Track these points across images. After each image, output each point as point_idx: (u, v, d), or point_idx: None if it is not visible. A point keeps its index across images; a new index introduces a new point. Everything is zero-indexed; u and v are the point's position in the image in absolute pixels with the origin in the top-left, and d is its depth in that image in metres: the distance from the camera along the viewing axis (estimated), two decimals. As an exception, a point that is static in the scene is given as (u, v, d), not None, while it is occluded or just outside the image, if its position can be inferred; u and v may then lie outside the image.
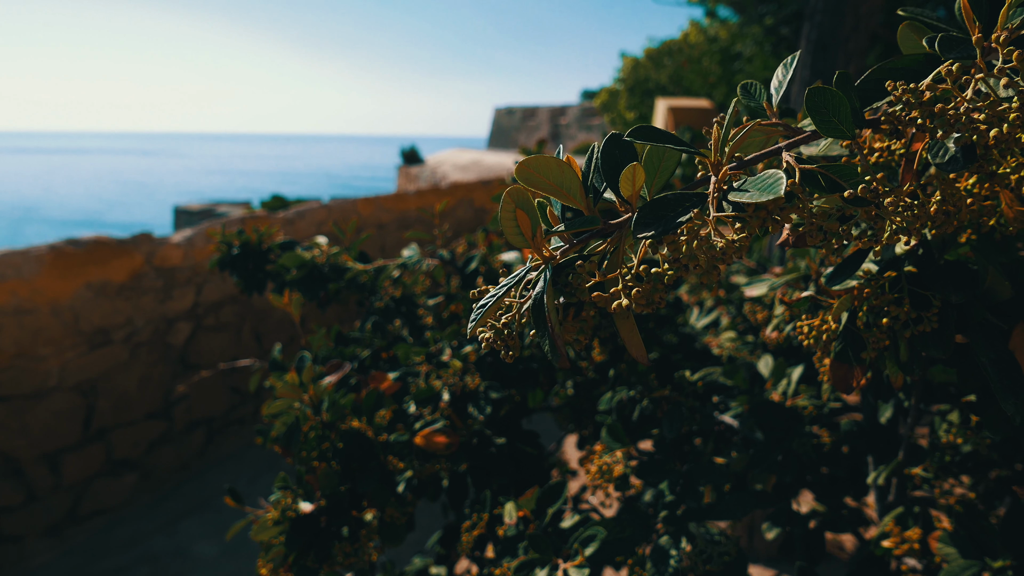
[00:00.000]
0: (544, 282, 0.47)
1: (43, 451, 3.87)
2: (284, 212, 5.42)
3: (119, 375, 4.24)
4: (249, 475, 4.78)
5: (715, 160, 0.48)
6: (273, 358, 1.86)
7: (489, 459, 1.23)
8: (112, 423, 4.24)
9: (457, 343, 1.33)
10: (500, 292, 0.48)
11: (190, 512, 4.34)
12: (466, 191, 7.47)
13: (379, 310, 1.66)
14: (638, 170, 0.46)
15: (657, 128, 0.48)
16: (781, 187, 0.41)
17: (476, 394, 1.21)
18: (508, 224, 0.48)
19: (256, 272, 1.94)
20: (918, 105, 0.48)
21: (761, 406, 1.10)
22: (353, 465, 1.13)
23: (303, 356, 1.20)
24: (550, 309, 0.46)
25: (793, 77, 2.15)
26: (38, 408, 3.80)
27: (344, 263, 1.74)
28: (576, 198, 0.48)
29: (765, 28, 9.32)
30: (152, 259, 4.34)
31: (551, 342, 0.46)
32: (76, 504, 4.09)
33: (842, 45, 3.66)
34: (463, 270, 1.44)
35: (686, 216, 0.45)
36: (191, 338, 4.72)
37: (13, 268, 3.60)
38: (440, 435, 1.13)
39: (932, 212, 0.50)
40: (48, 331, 3.79)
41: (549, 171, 0.47)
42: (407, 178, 22.52)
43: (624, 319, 0.48)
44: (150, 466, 4.51)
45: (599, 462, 0.99)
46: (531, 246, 0.48)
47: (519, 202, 0.47)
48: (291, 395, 1.16)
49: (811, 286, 0.99)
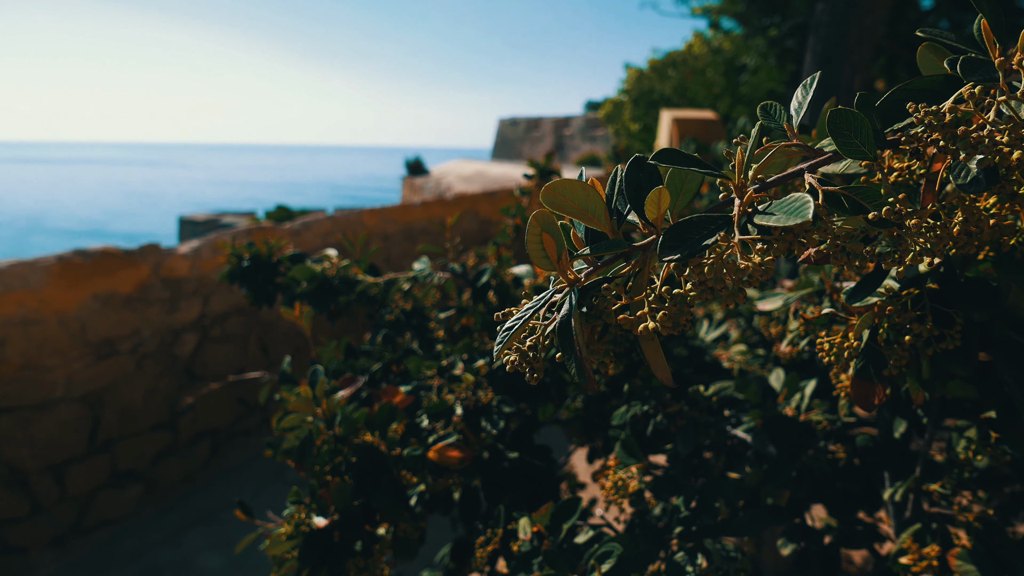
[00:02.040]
0: (570, 305, 0.47)
1: (49, 462, 3.87)
2: (290, 223, 5.43)
3: (125, 386, 4.24)
4: (255, 487, 4.77)
5: (739, 182, 0.48)
6: (283, 370, 1.86)
7: (501, 473, 1.23)
8: (118, 434, 4.24)
9: (468, 356, 1.33)
10: (526, 315, 0.49)
11: (195, 524, 4.34)
12: (471, 202, 7.48)
13: (389, 323, 1.66)
14: (664, 193, 0.46)
15: (681, 151, 0.49)
16: (809, 211, 0.42)
17: (489, 408, 1.21)
18: (534, 247, 0.48)
19: (266, 285, 1.95)
20: (940, 127, 0.48)
21: (775, 421, 1.10)
22: (366, 479, 1.13)
23: (316, 370, 1.20)
24: (578, 332, 0.46)
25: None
26: (44, 419, 3.81)
27: (355, 276, 1.75)
28: (601, 221, 0.49)
29: (769, 40, 9.36)
30: (159, 270, 4.35)
31: (578, 365, 0.46)
32: (81, 516, 4.09)
33: (847, 57, 3.67)
34: (474, 283, 1.45)
35: (712, 239, 0.45)
36: (197, 349, 4.72)
37: (20, 279, 3.61)
38: (453, 449, 1.13)
39: (955, 233, 0.51)
40: (54, 342, 3.80)
41: (575, 195, 0.48)
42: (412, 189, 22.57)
43: (649, 341, 0.48)
44: (155, 478, 4.50)
45: (614, 477, 0.99)
46: (556, 269, 0.49)
47: (545, 225, 0.47)
48: (304, 409, 1.16)
49: (826, 301, 0.99)
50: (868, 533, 1.12)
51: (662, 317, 0.45)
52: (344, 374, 1.68)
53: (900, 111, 0.53)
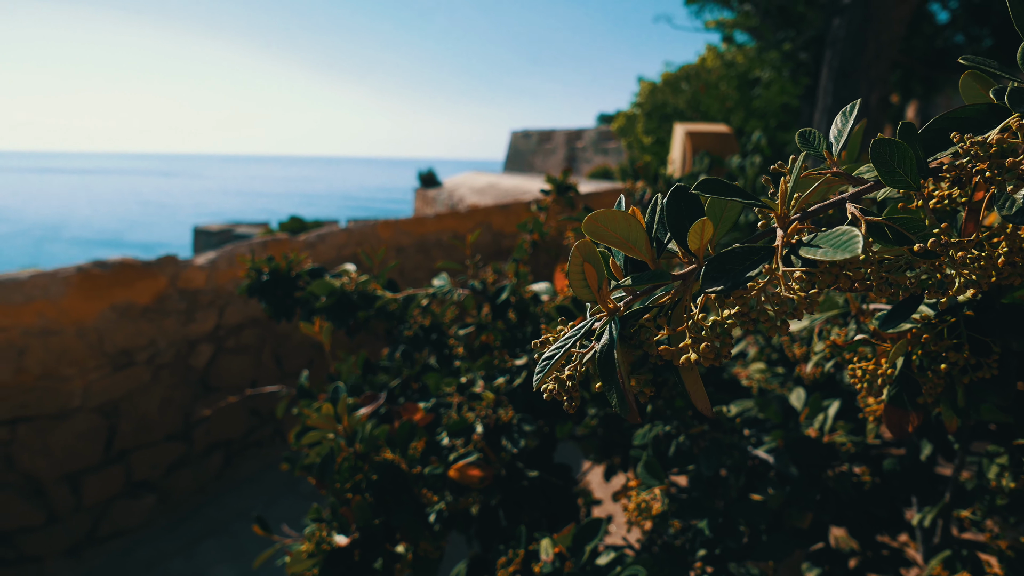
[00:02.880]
0: (611, 335, 0.47)
1: (65, 471, 3.89)
2: (306, 236, 5.46)
3: (141, 397, 4.26)
4: (267, 498, 4.78)
5: (782, 213, 0.48)
6: (300, 384, 1.87)
7: (521, 492, 1.23)
8: (133, 444, 4.26)
9: (488, 374, 1.33)
10: (566, 344, 0.48)
11: (208, 535, 4.34)
12: (484, 215, 7.50)
13: (408, 339, 1.66)
14: (707, 224, 0.46)
15: (722, 181, 0.49)
16: (857, 247, 0.41)
17: (509, 427, 1.20)
18: (576, 277, 0.48)
19: (285, 299, 1.95)
20: (987, 157, 0.48)
21: (798, 442, 1.09)
22: (387, 497, 1.13)
23: (338, 387, 1.20)
24: (620, 363, 0.46)
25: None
26: (61, 429, 3.83)
27: (373, 291, 1.75)
28: (641, 250, 0.49)
29: (783, 54, 9.35)
30: (176, 281, 4.38)
31: (620, 395, 0.45)
32: (96, 525, 4.10)
33: (864, 72, 3.66)
34: (494, 300, 1.45)
35: (755, 271, 0.45)
36: (212, 360, 4.74)
37: (41, 289, 3.64)
38: (474, 468, 1.13)
39: (999, 264, 0.50)
40: (73, 352, 3.83)
41: (616, 224, 0.47)
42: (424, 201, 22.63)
43: (689, 371, 0.48)
44: (169, 488, 4.51)
45: (637, 499, 0.98)
46: (597, 298, 0.49)
47: (587, 256, 0.47)
48: (326, 426, 1.16)
49: (852, 323, 0.98)
50: (894, 558, 1.10)
51: (704, 349, 0.45)
52: (362, 389, 1.69)
53: (944, 140, 0.53)
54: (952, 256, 0.48)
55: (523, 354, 1.31)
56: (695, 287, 0.48)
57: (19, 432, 3.65)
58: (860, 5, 3.73)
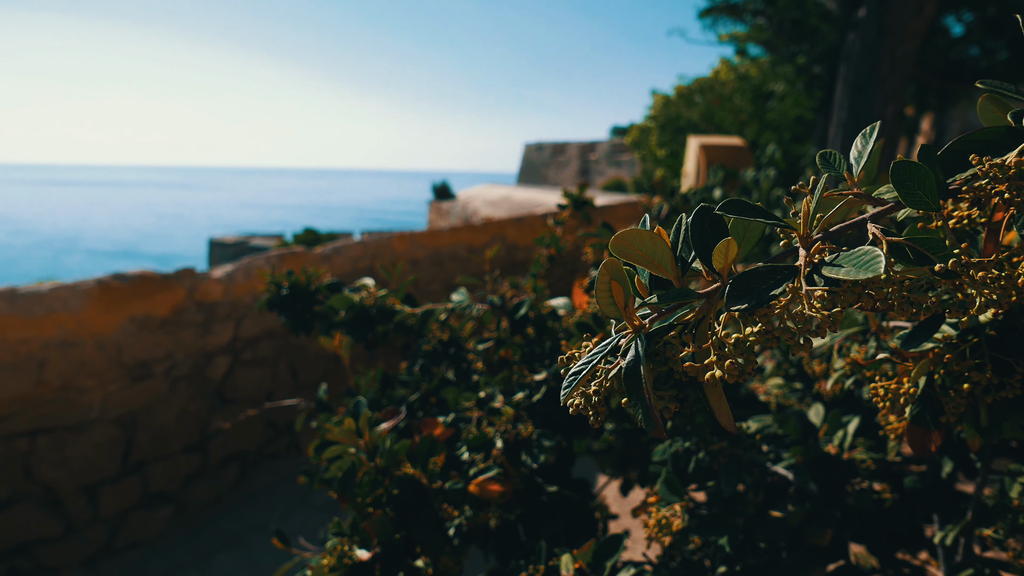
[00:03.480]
0: (636, 351, 0.48)
1: (83, 483, 3.93)
2: (322, 249, 5.50)
3: (158, 408, 4.30)
4: (282, 510, 4.79)
5: (805, 233, 0.49)
6: (319, 398, 1.89)
7: (540, 507, 1.23)
8: (150, 456, 4.29)
9: (507, 389, 1.34)
10: (593, 360, 0.49)
11: (223, 547, 4.36)
12: (499, 228, 7.52)
13: (427, 353, 1.68)
14: (732, 244, 0.47)
15: (746, 202, 0.50)
16: (880, 266, 0.42)
17: (529, 442, 1.21)
18: (603, 295, 0.49)
19: (304, 313, 1.97)
20: (1006, 179, 0.49)
21: (819, 459, 1.09)
22: (407, 512, 1.14)
23: (359, 402, 1.21)
24: (646, 379, 0.47)
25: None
26: (79, 440, 3.87)
27: (392, 306, 1.77)
28: (667, 269, 0.50)
29: (797, 67, 9.35)
30: (194, 294, 4.43)
31: (646, 411, 0.46)
32: (112, 536, 4.13)
33: (879, 86, 3.65)
34: (513, 315, 1.46)
35: (779, 289, 0.46)
36: (229, 372, 4.78)
37: (61, 301, 3.69)
38: (494, 483, 1.14)
39: (1020, 284, 0.51)
40: (92, 364, 3.87)
41: (643, 244, 0.49)
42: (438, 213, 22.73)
43: (713, 388, 0.49)
44: (185, 500, 4.54)
45: (658, 515, 0.98)
46: (623, 316, 0.50)
47: (614, 274, 0.48)
48: (347, 440, 1.18)
49: (871, 339, 0.98)
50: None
51: (729, 366, 0.46)
52: (381, 403, 1.70)
53: (963, 162, 0.53)
54: (972, 276, 0.49)
55: (542, 369, 1.32)
56: (719, 305, 0.49)
57: (38, 443, 3.69)
58: (874, 19, 3.74)
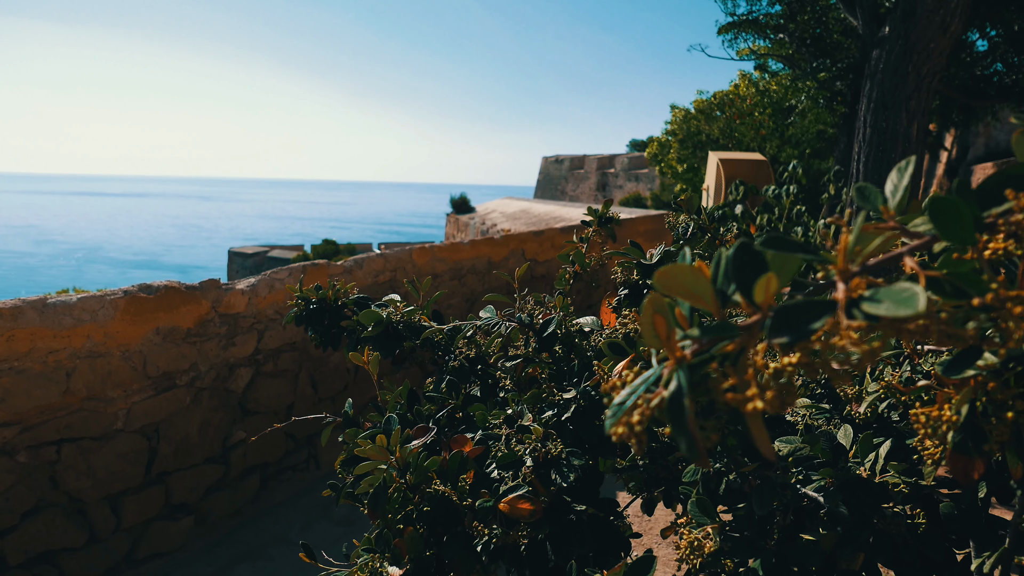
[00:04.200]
0: (680, 382, 0.49)
1: (107, 492, 3.98)
2: (343, 262, 5.56)
3: (181, 419, 4.35)
4: (301, 523, 4.82)
5: (843, 267, 0.50)
6: (345, 412, 1.91)
7: (569, 526, 1.24)
8: (172, 467, 4.34)
9: (534, 406, 1.35)
10: (638, 390, 0.51)
11: (243, 558, 4.39)
12: (519, 242, 7.55)
13: (454, 369, 1.70)
14: (773, 279, 0.48)
15: (786, 238, 0.51)
16: (919, 303, 0.43)
17: (559, 460, 1.22)
18: (647, 327, 0.51)
19: (331, 328, 2.00)
20: (1043, 216, 0.50)
21: (850, 482, 1.09)
22: (438, 529, 1.15)
23: (390, 418, 1.23)
24: (690, 410, 0.48)
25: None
26: (104, 450, 3.92)
27: (420, 322, 1.79)
28: (708, 302, 0.51)
29: (819, 82, 9.33)
30: (218, 306, 4.48)
31: (689, 441, 0.48)
32: (134, 547, 4.17)
33: (904, 104, 3.64)
34: (541, 333, 1.47)
35: (819, 323, 0.47)
36: (250, 384, 4.83)
37: (89, 312, 3.76)
38: (524, 501, 1.15)
39: (1058, 318, 0.52)
40: (118, 375, 3.93)
41: (684, 279, 0.50)
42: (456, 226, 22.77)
43: (755, 418, 0.50)
44: (206, 511, 4.58)
45: (690, 537, 0.99)
46: (666, 347, 0.51)
47: (657, 308, 0.50)
48: (378, 457, 1.19)
49: (905, 363, 0.99)
50: (948, 602, 1.09)
51: (771, 397, 0.47)
52: (407, 419, 1.72)
53: (999, 197, 0.55)
54: (1010, 310, 0.50)
55: (570, 387, 1.33)
56: (759, 337, 0.51)
57: (64, 453, 3.75)
58: (899, 37, 3.73)
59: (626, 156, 34.33)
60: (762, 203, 4.92)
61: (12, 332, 3.40)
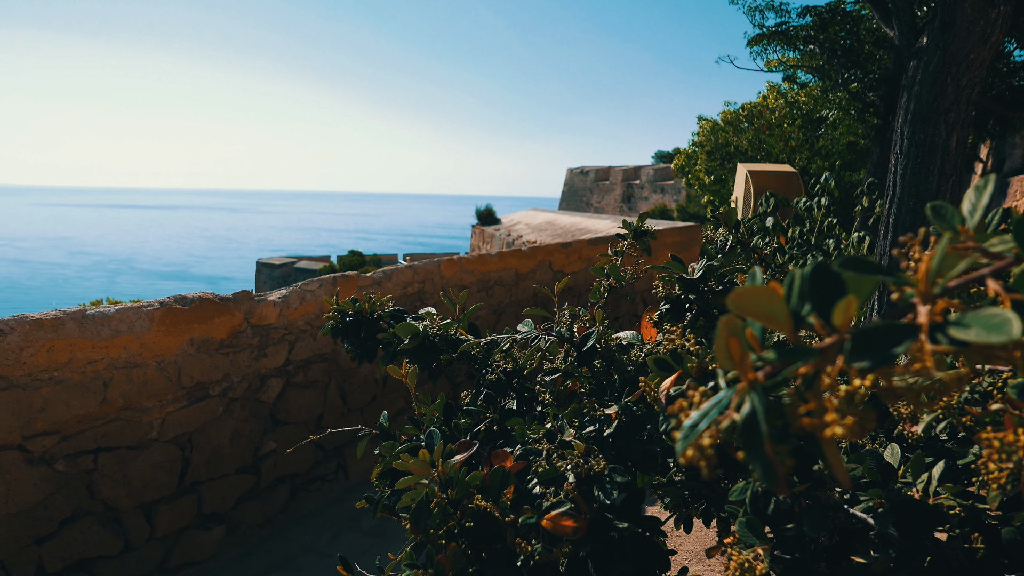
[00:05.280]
0: (754, 405, 0.49)
1: (141, 501, 4.02)
2: (373, 274, 5.59)
3: (214, 429, 4.39)
4: (330, 533, 4.83)
5: (925, 290, 0.49)
6: (380, 424, 1.91)
7: (611, 544, 1.23)
8: (205, 476, 4.38)
9: (578, 422, 1.34)
10: (713, 413, 0.50)
11: (273, 569, 4.40)
12: (546, 254, 7.55)
13: (491, 383, 1.69)
14: (853, 302, 0.47)
15: (867, 260, 0.50)
16: (1013, 329, 0.42)
17: (601, 476, 1.21)
18: (720, 349, 0.50)
19: (367, 340, 2.01)
20: None
21: (903, 504, 1.06)
22: (480, 546, 1.15)
23: (433, 432, 1.23)
24: (766, 434, 0.47)
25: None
26: (139, 459, 3.97)
27: (458, 335, 1.79)
28: (782, 324, 0.50)
29: (851, 93, 9.22)
30: (250, 317, 4.53)
31: (766, 466, 0.47)
32: (167, 556, 4.21)
33: (943, 116, 3.59)
34: (580, 347, 1.47)
35: (901, 347, 0.46)
36: (281, 394, 4.87)
37: (127, 324, 3.82)
38: (567, 518, 1.14)
39: None
40: (153, 385, 3.99)
41: (760, 300, 0.49)
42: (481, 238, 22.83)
43: (831, 444, 0.49)
44: (237, 520, 4.61)
45: (740, 558, 0.97)
46: (740, 370, 0.50)
47: (732, 330, 0.49)
48: (421, 471, 1.19)
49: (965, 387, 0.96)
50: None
51: (852, 423, 0.46)
52: (443, 432, 1.71)
53: (1083, 217, 0.53)
54: (1100, 334, 0.48)
55: (612, 402, 1.32)
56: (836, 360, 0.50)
57: (101, 462, 3.80)
58: (938, 48, 3.68)
59: (652, 168, 34.22)
60: (792, 215, 4.87)
61: (52, 343, 3.46)
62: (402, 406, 6.03)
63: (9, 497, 3.41)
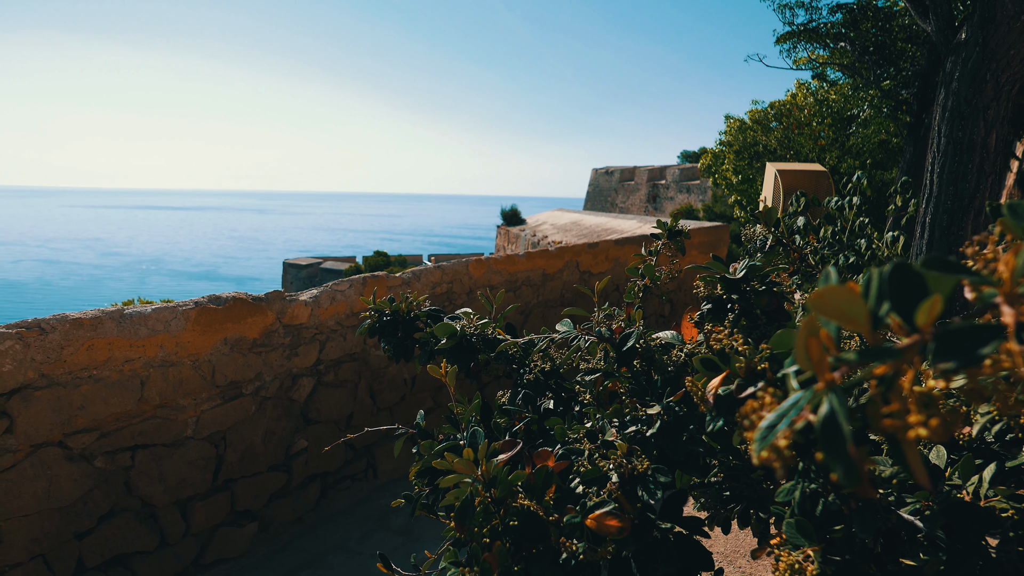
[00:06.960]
0: (833, 406, 0.48)
1: (176, 498, 4.08)
2: (401, 273, 5.62)
3: (246, 428, 4.45)
4: (361, 532, 4.86)
5: (1010, 290, 0.48)
6: (416, 424, 1.92)
7: (654, 544, 1.22)
8: (238, 474, 4.43)
9: (619, 422, 1.34)
10: (788, 414, 0.50)
11: (305, 566, 4.45)
12: (573, 254, 7.54)
13: (529, 383, 1.69)
14: (937, 302, 0.47)
15: (949, 260, 0.49)
16: (1109, 329, 0.41)
17: (644, 477, 1.21)
18: (800, 350, 0.49)
19: (405, 340, 2.02)
20: None
21: (954, 506, 1.05)
22: (525, 545, 1.15)
23: (476, 431, 1.23)
24: (848, 435, 0.47)
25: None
26: (174, 456, 4.03)
27: (496, 335, 1.79)
28: (861, 324, 0.50)
29: (883, 91, 9.08)
30: (282, 317, 4.58)
31: (848, 467, 0.46)
32: (202, 552, 4.27)
33: (981, 113, 3.52)
34: (620, 347, 1.46)
35: (988, 348, 0.45)
36: (312, 393, 4.91)
37: (163, 323, 3.88)
38: (611, 518, 1.13)
39: None
40: (188, 383, 4.04)
41: (840, 300, 0.49)
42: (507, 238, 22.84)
43: (911, 446, 0.48)
44: (269, 518, 4.66)
45: (789, 560, 0.96)
46: (816, 370, 0.50)
47: (811, 331, 0.49)
48: (465, 471, 1.20)
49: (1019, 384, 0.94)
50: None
51: (936, 424, 0.45)
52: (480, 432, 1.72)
53: None
54: None
55: (654, 403, 1.31)
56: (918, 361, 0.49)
57: (138, 459, 3.86)
58: (976, 43, 3.60)
59: (677, 167, 33.98)
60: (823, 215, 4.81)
61: (92, 341, 3.53)
62: (430, 405, 6.05)
63: (50, 492, 3.48)
